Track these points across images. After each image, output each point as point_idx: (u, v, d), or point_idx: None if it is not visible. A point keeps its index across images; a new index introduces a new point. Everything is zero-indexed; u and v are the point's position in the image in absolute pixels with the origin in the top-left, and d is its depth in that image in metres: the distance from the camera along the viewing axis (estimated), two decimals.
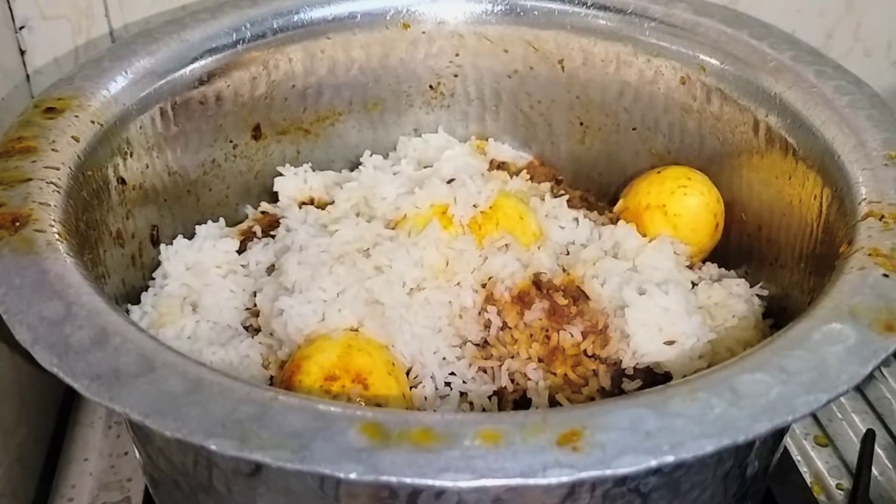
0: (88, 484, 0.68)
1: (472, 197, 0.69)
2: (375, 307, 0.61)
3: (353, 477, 0.39)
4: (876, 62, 0.96)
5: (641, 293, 0.63)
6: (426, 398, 0.59)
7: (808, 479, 0.70)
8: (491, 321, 0.63)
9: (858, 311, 0.47)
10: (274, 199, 0.79)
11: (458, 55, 0.81)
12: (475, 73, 0.82)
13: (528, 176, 0.80)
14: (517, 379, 0.61)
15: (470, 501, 0.44)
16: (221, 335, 0.63)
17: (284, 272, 0.64)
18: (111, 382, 0.43)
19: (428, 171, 0.77)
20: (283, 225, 0.72)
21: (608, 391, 0.61)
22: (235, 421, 0.41)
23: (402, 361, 0.60)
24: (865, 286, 0.49)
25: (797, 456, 0.72)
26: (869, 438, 0.71)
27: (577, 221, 0.72)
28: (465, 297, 0.63)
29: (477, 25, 0.80)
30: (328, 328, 0.60)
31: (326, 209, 0.73)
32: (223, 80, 0.73)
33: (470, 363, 0.61)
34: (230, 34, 0.73)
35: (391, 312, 0.61)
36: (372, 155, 0.81)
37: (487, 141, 0.84)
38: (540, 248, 0.68)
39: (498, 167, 0.81)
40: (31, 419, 0.71)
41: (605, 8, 0.77)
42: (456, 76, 0.83)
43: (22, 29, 0.81)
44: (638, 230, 0.71)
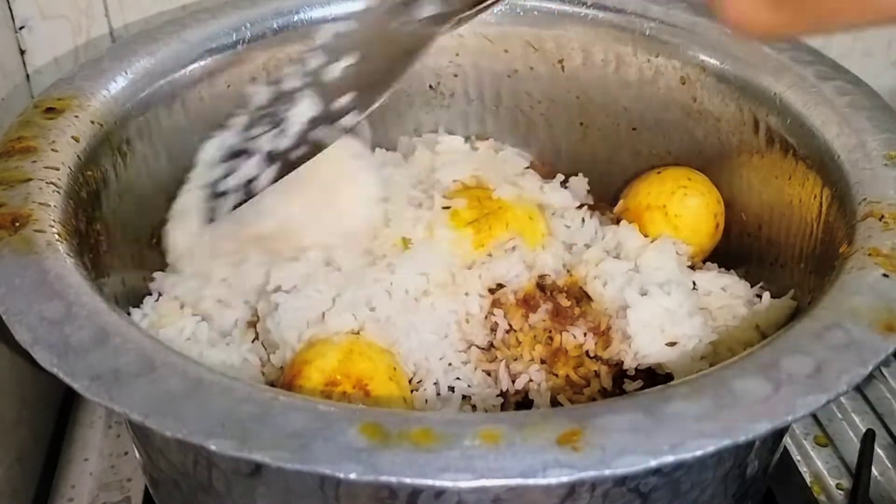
0: (88, 484, 0.68)
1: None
2: (377, 311, 0.61)
3: (352, 477, 0.39)
4: (876, 62, 0.96)
5: (643, 294, 0.63)
6: (427, 401, 0.59)
7: (807, 478, 0.70)
8: (498, 324, 0.63)
9: (858, 311, 0.47)
10: None
11: (458, 55, 0.81)
12: (475, 72, 0.82)
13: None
14: (519, 380, 0.61)
15: (470, 501, 0.44)
16: (222, 337, 0.63)
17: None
18: (111, 383, 0.43)
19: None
20: None
21: (610, 392, 0.61)
22: (235, 421, 0.41)
23: (405, 366, 0.60)
24: (865, 286, 0.49)
25: (797, 456, 0.72)
26: (869, 438, 0.71)
27: (583, 221, 0.72)
28: (471, 303, 0.64)
29: (477, 25, 0.80)
30: (326, 331, 0.59)
31: None
32: (223, 80, 0.73)
33: (475, 367, 0.61)
34: (230, 34, 0.73)
35: (396, 318, 0.61)
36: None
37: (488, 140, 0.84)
38: (545, 248, 0.68)
39: None
40: (31, 419, 0.71)
41: (604, 8, 0.77)
42: (456, 76, 0.83)
43: (22, 29, 0.81)
44: (638, 230, 0.71)
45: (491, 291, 0.65)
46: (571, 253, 0.70)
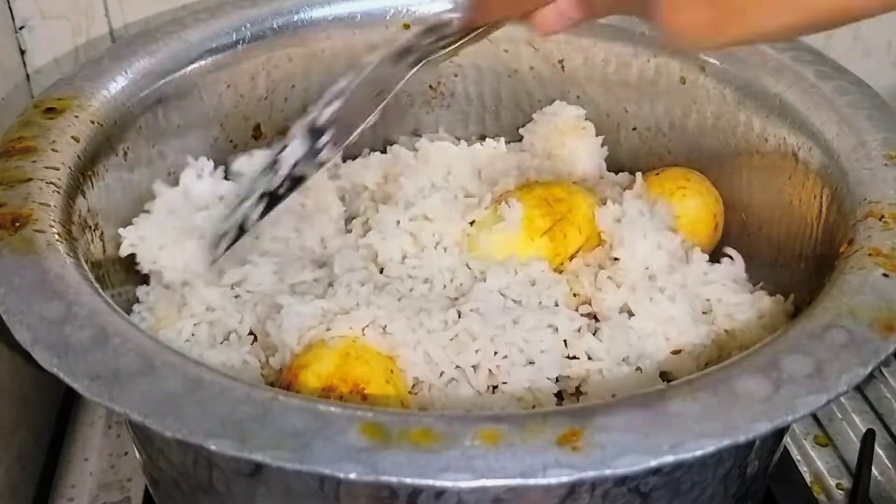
0: (88, 484, 0.68)
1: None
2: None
3: (352, 477, 0.39)
4: (876, 62, 0.96)
5: (649, 299, 0.62)
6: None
7: (807, 478, 0.70)
8: None
9: (858, 310, 0.47)
10: None
11: (458, 55, 0.81)
12: (475, 72, 0.82)
13: None
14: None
15: (470, 501, 0.44)
16: (222, 338, 0.62)
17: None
18: (111, 382, 0.43)
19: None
20: None
21: None
22: (235, 421, 0.41)
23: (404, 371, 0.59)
24: (865, 286, 0.49)
25: (797, 456, 0.72)
26: (869, 438, 0.71)
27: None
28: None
29: None
30: (328, 335, 0.58)
31: None
32: (223, 79, 0.73)
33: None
34: (230, 34, 0.73)
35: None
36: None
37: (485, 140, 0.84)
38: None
39: None
40: (31, 419, 0.71)
41: None
42: (456, 76, 0.83)
43: (22, 29, 0.81)
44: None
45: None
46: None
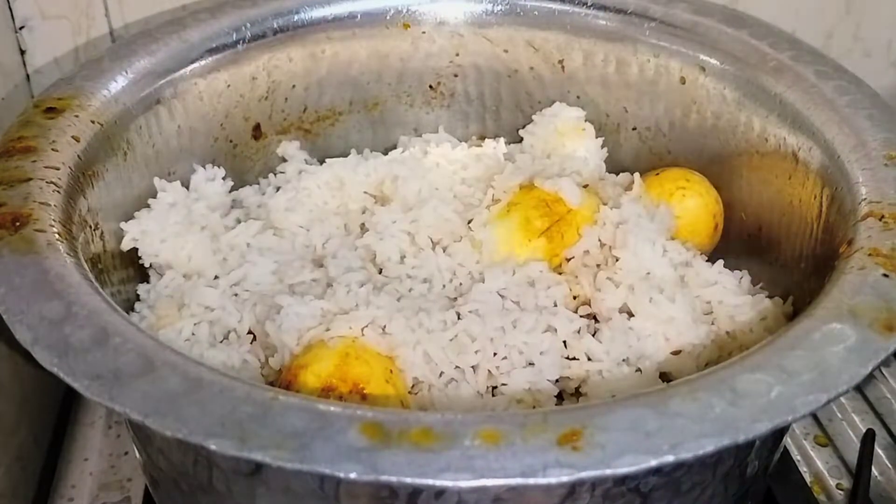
0: (88, 484, 0.68)
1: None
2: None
3: (352, 477, 0.39)
4: (876, 62, 0.96)
5: (648, 300, 0.62)
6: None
7: (808, 478, 0.70)
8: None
9: (859, 310, 0.47)
10: None
11: (458, 55, 0.81)
12: (475, 73, 0.82)
13: None
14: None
15: (470, 501, 0.44)
16: (222, 338, 0.62)
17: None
18: (111, 382, 0.43)
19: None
20: None
21: None
22: (235, 421, 0.41)
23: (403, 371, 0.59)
24: (866, 286, 0.49)
25: (797, 456, 0.72)
26: (869, 438, 0.71)
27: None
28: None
29: (477, 25, 0.80)
30: (328, 335, 0.58)
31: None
32: (223, 79, 0.73)
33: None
34: (230, 34, 0.73)
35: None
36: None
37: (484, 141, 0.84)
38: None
39: None
40: (31, 419, 0.71)
41: (605, 8, 0.77)
42: (456, 76, 0.83)
43: (22, 29, 0.81)
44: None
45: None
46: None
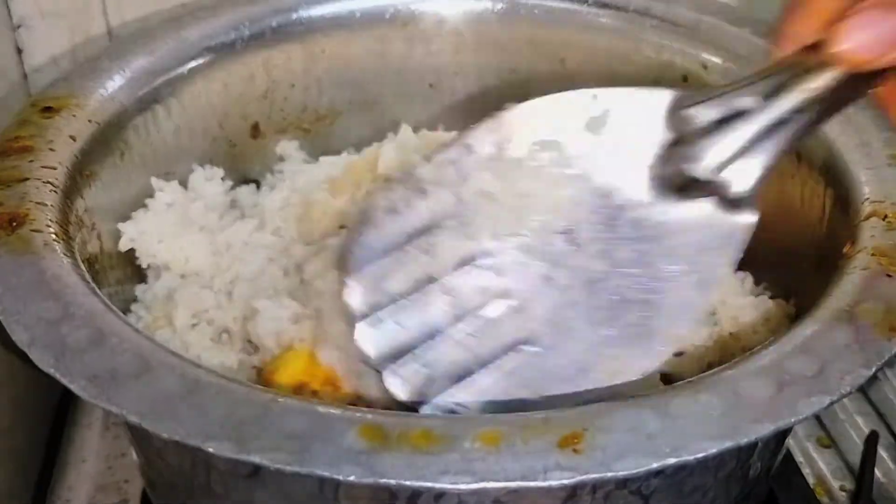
0: (86, 486, 0.68)
1: None
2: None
3: (351, 479, 0.39)
4: None
5: None
6: None
7: (810, 480, 0.70)
8: None
9: (862, 311, 0.47)
10: None
11: (458, 53, 0.81)
12: (476, 71, 0.82)
13: None
14: None
15: None
16: (218, 338, 0.62)
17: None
18: (108, 383, 0.42)
19: None
20: None
21: None
22: (233, 423, 0.41)
23: None
24: (869, 287, 0.49)
25: (800, 458, 0.72)
26: (872, 440, 0.71)
27: None
28: None
29: (477, 24, 0.79)
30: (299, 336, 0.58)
31: None
32: (222, 78, 0.73)
33: None
34: (229, 32, 0.73)
35: None
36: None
37: None
38: None
39: None
40: (27, 420, 0.71)
41: (606, 6, 0.76)
42: (456, 74, 0.82)
43: (19, 27, 0.80)
44: None
45: None
46: None
